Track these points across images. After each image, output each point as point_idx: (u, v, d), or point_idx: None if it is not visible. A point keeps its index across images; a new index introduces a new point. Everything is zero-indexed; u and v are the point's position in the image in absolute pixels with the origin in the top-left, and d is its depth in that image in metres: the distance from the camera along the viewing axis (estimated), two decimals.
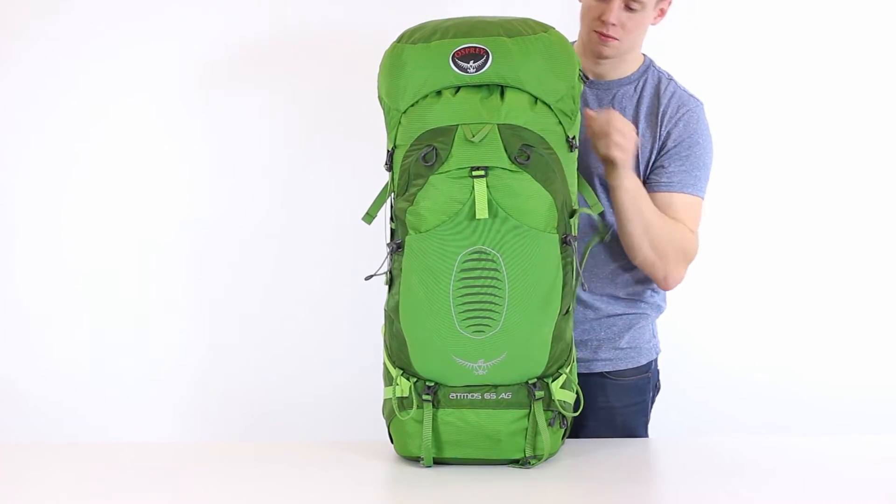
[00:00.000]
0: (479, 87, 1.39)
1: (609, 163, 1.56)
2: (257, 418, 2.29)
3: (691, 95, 1.70)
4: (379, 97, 1.47)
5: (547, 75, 1.39)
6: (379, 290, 1.55)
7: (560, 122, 1.41)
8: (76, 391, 2.28)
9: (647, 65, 1.73)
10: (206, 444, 1.68)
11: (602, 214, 1.62)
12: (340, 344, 2.26)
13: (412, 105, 1.41)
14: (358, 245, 1.92)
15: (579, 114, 1.46)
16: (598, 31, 1.63)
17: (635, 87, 1.70)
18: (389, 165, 1.46)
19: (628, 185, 1.57)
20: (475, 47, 1.38)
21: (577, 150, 1.46)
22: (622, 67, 1.70)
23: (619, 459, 1.51)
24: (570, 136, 1.43)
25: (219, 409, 2.30)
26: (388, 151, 1.46)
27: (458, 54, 1.38)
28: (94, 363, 2.28)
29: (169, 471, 1.49)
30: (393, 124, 1.44)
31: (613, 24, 1.61)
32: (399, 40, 1.44)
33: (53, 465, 1.53)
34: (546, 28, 1.43)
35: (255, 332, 2.29)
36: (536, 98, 1.39)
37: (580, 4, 1.68)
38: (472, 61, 1.38)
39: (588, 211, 1.50)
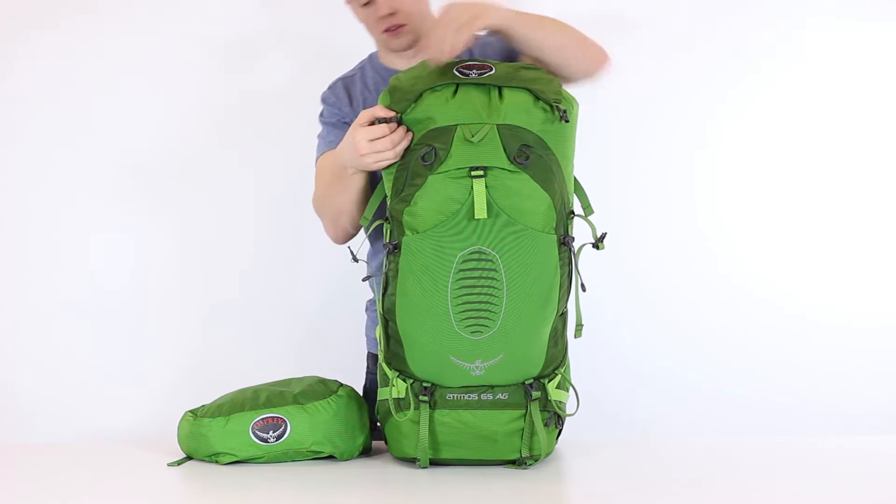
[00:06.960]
0: (478, 86, 1.38)
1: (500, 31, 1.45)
2: None
3: None
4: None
5: None
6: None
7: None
8: (71, 391, 2.27)
9: None
10: None
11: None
12: (338, 343, 2.25)
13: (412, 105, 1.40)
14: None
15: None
16: (384, 30, 1.63)
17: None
18: None
19: (525, 26, 1.45)
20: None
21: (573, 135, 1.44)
22: None
23: (617, 459, 1.51)
24: (563, 110, 1.38)
25: None
26: None
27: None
28: (90, 363, 2.27)
29: (168, 470, 1.49)
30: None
31: (391, 14, 1.60)
32: None
33: (53, 466, 1.53)
34: None
35: (254, 333, 2.28)
36: (537, 97, 1.38)
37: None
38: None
39: (582, 216, 1.47)
